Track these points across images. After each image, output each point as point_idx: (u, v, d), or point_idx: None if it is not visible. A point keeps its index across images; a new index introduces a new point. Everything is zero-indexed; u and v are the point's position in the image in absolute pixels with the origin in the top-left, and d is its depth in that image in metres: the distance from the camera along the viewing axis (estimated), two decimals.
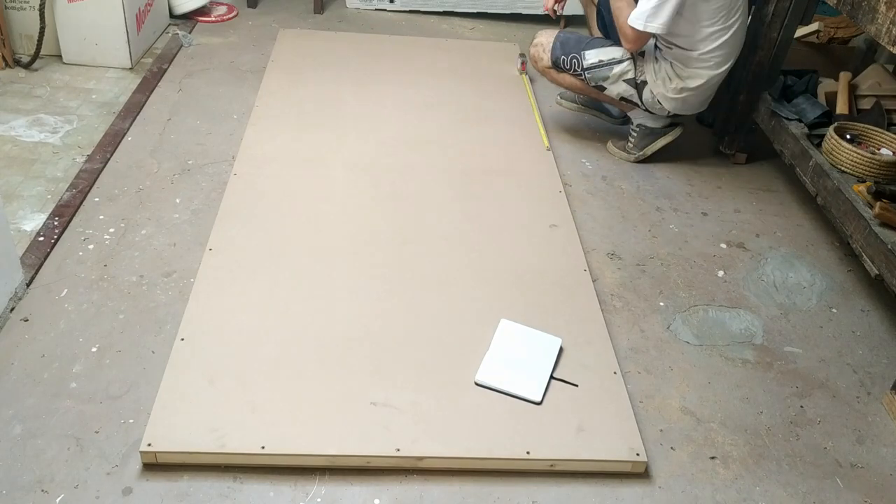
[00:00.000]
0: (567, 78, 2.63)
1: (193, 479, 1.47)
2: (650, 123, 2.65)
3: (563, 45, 2.60)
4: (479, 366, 1.72)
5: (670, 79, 2.48)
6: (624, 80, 2.52)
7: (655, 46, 2.51)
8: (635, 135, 2.68)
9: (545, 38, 2.66)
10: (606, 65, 2.53)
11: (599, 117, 2.91)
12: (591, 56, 2.54)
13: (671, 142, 2.68)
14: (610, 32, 2.64)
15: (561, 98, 2.94)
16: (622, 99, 2.59)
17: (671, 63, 2.48)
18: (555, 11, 2.78)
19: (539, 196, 2.39)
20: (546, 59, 2.63)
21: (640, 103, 2.57)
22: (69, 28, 2.92)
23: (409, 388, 1.66)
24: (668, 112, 2.58)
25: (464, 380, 1.70)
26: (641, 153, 2.68)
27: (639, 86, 2.52)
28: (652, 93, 2.52)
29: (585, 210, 2.40)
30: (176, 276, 1.97)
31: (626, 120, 2.85)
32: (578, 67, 2.55)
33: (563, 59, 2.58)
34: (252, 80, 2.96)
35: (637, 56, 2.51)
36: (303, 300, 1.88)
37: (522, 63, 3.16)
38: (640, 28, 2.33)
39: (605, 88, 2.57)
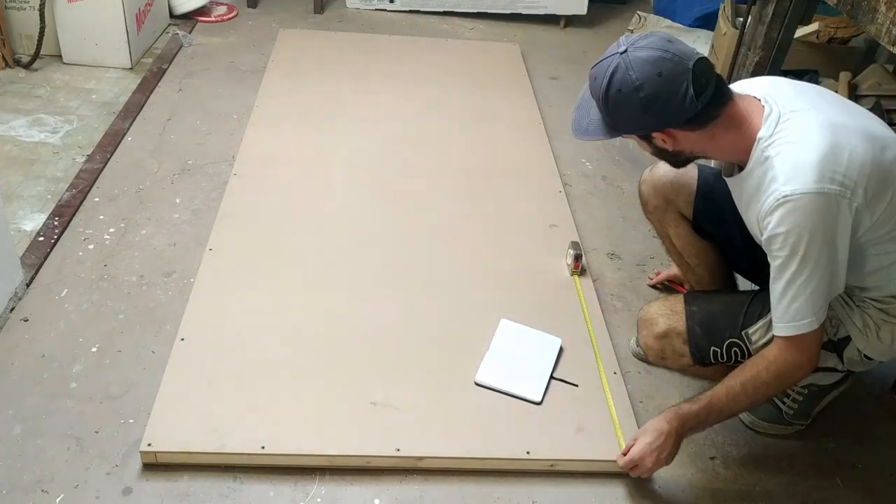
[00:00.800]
0: (713, 370, 1.71)
1: (193, 479, 1.47)
2: (822, 381, 1.68)
3: (707, 329, 1.61)
4: (479, 366, 1.72)
5: (878, 324, 1.49)
6: None
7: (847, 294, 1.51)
8: (800, 399, 1.70)
9: (668, 319, 1.67)
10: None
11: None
12: (759, 332, 1.53)
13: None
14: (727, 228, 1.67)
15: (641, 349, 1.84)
16: None
17: (879, 305, 1.48)
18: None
19: (539, 196, 2.39)
20: (685, 355, 1.65)
21: (839, 366, 1.57)
22: (69, 28, 2.92)
23: (409, 388, 1.66)
24: (870, 361, 1.57)
25: (464, 380, 1.70)
26: (809, 420, 1.74)
27: (837, 345, 1.54)
28: (858, 349, 1.52)
29: (585, 210, 2.40)
30: (176, 276, 1.97)
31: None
32: (742, 355, 1.57)
33: (715, 352, 1.60)
34: (252, 80, 2.96)
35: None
36: (303, 300, 1.88)
37: (577, 259, 2.05)
38: (818, 322, 1.37)
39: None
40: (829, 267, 1.33)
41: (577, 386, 1.71)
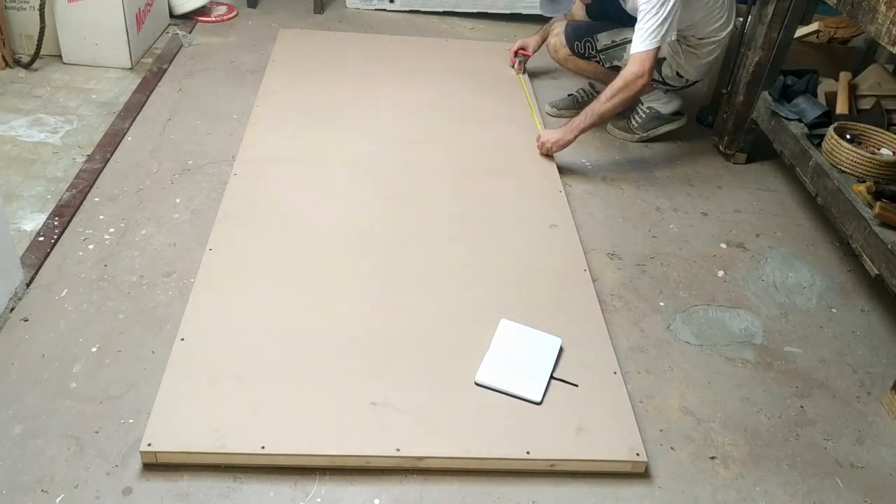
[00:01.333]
0: (590, 65, 2.72)
1: (193, 479, 1.47)
2: (660, 108, 2.78)
3: (574, 32, 2.69)
4: (479, 366, 1.72)
5: (685, 53, 2.58)
6: None
7: None
8: (643, 116, 2.80)
9: (559, 27, 2.75)
10: (619, 45, 2.60)
11: None
12: (604, 38, 2.62)
13: (674, 130, 2.83)
14: (609, 12, 2.68)
15: (552, 106, 2.99)
16: None
17: (680, 40, 2.55)
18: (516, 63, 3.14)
19: (539, 196, 2.39)
20: (565, 47, 2.72)
21: (659, 78, 2.64)
22: (69, 28, 2.92)
23: (409, 388, 1.66)
24: (687, 83, 2.69)
25: (464, 380, 1.70)
26: (646, 134, 2.81)
27: (658, 62, 2.53)
28: (671, 67, 2.61)
29: (585, 210, 2.40)
30: (176, 276, 1.97)
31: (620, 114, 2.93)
32: (592, 50, 2.65)
33: (578, 45, 2.68)
34: (252, 80, 2.96)
35: None
36: (303, 300, 1.88)
37: (520, 62, 3.16)
38: (655, 45, 2.33)
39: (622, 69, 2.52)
40: (672, 12, 2.29)
41: (577, 386, 1.71)
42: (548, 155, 2.58)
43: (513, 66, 3.17)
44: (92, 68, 2.97)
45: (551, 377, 1.72)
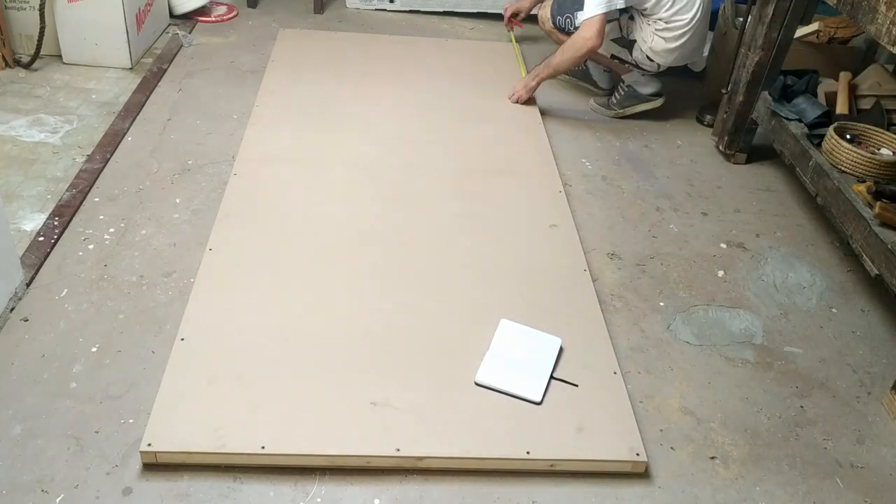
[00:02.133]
0: (565, 37, 2.81)
1: (193, 479, 1.47)
2: (639, 88, 2.91)
3: (559, 7, 2.85)
4: (479, 366, 1.72)
5: (653, 35, 2.69)
6: (612, 39, 2.77)
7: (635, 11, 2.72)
8: (621, 94, 2.94)
9: (549, 2, 2.92)
10: None
11: (588, 88, 3.14)
12: (581, 16, 2.68)
13: (650, 110, 2.95)
14: None
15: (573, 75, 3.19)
16: (613, 57, 2.84)
17: (650, 22, 2.68)
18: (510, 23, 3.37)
19: (539, 196, 2.39)
20: (549, 20, 2.88)
21: (632, 62, 2.81)
22: (69, 28, 2.92)
23: (409, 388, 1.66)
24: (660, 67, 2.79)
25: (464, 380, 1.70)
26: (622, 111, 2.95)
27: (629, 44, 2.76)
28: (641, 50, 2.74)
29: (585, 210, 2.40)
30: (176, 276, 1.97)
31: (612, 91, 3.06)
32: (571, 27, 2.78)
33: (559, 20, 2.84)
34: (252, 80, 2.96)
35: (623, 15, 2.73)
36: (303, 300, 1.88)
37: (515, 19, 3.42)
38: (602, 10, 2.52)
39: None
40: None
41: (577, 386, 1.71)
42: (520, 101, 2.85)
43: (506, 26, 3.44)
44: (92, 68, 2.97)
45: (551, 377, 1.72)
